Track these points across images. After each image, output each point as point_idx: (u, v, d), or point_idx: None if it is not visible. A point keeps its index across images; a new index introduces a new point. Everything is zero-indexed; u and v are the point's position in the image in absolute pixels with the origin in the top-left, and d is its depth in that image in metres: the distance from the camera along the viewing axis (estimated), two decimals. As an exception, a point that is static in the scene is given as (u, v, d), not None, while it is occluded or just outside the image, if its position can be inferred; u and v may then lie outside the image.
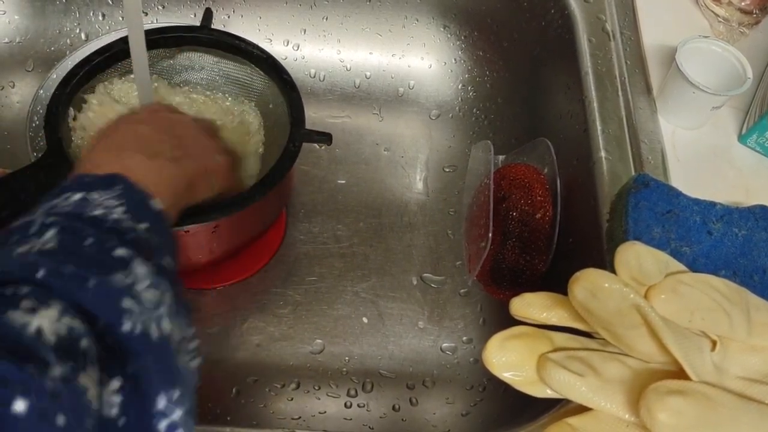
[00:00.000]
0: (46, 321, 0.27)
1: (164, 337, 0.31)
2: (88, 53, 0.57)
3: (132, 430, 0.28)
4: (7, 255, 0.31)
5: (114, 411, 0.28)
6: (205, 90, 0.64)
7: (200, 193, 0.47)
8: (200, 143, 0.50)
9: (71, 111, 0.56)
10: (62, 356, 0.26)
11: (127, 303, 0.30)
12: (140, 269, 0.32)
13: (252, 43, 0.61)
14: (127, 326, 0.29)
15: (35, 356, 0.25)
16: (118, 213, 0.34)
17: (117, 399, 0.28)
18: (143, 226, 0.35)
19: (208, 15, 0.64)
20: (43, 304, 0.27)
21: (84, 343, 0.28)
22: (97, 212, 0.34)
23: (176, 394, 0.30)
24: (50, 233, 0.31)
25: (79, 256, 0.31)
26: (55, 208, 0.34)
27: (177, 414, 0.30)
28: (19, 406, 0.23)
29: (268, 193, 0.53)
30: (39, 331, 0.26)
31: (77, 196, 0.35)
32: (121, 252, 0.32)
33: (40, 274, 0.29)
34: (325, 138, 0.58)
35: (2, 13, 0.76)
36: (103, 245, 0.32)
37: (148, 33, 0.50)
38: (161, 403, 0.29)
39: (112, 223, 0.34)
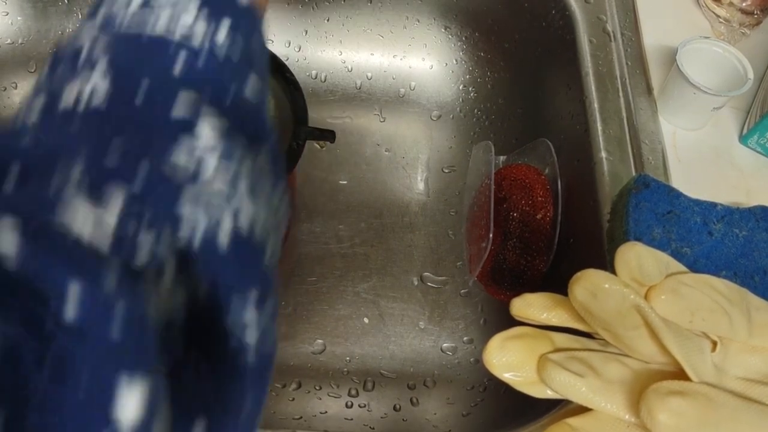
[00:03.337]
0: (110, 216, 0.21)
1: (239, 238, 0.24)
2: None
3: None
4: (50, 119, 0.25)
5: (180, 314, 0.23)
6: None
7: None
8: None
9: None
10: (120, 259, 0.21)
11: (185, 209, 0.23)
12: (207, 134, 0.25)
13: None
14: (183, 237, 0.22)
15: (87, 268, 0.20)
16: (189, 16, 0.27)
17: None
18: (224, 27, 0.28)
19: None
20: (99, 200, 0.21)
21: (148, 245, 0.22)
22: (160, 26, 0.27)
23: (253, 297, 0.24)
24: (99, 71, 0.25)
25: (129, 125, 0.24)
26: (109, 24, 0.27)
27: (258, 322, 0.24)
28: (70, 312, 0.19)
29: None
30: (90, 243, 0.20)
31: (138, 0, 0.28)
32: (181, 111, 0.25)
33: (79, 167, 0.22)
34: (328, 135, 0.58)
35: (5, 14, 0.76)
36: (159, 101, 0.25)
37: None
38: (246, 313, 0.24)
39: (177, 44, 0.26)
